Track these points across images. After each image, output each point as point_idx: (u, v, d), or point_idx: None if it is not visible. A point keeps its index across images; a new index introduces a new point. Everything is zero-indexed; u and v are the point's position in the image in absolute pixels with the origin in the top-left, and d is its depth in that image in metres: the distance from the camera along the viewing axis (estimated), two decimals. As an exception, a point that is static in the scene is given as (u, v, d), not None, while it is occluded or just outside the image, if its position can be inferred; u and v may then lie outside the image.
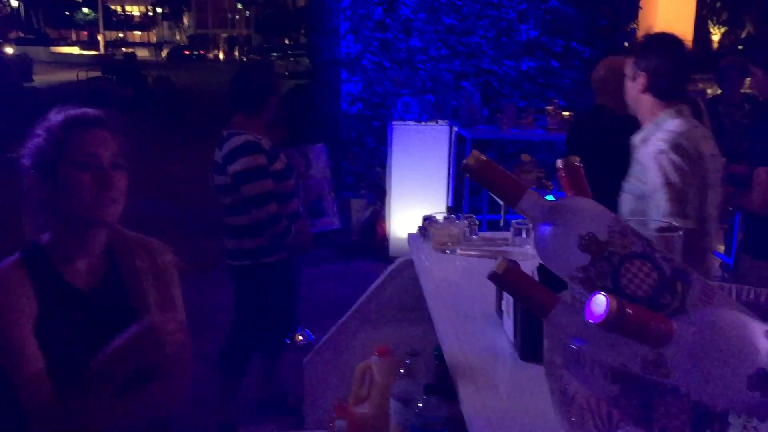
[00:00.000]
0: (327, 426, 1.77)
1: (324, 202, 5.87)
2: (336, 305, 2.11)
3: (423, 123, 6.03)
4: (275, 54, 32.93)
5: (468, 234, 1.90)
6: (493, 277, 0.72)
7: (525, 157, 5.13)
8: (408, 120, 6.14)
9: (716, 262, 5.73)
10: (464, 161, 0.76)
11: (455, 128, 6.09)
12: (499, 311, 1.40)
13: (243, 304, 3.34)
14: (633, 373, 0.67)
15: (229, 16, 61.00)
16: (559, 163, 0.86)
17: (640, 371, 0.70)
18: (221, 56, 57.71)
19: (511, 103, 6.25)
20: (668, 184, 2.22)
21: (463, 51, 6.64)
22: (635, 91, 2.42)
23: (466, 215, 1.96)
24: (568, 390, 0.72)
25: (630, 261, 0.72)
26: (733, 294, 0.85)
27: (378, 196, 6.44)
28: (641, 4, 7.35)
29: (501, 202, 4.52)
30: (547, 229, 0.75)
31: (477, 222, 1.94)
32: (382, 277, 1.88)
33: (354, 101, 6.60)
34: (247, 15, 59.16)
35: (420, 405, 1.60)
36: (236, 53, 56.13)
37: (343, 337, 1.88)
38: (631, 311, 0.59)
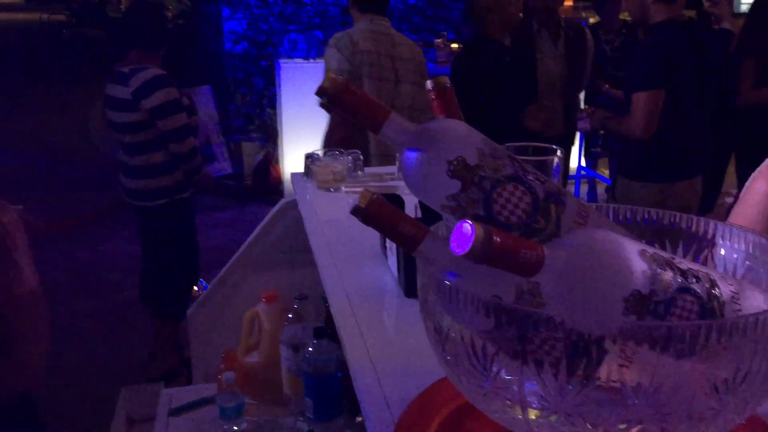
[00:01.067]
0: (215, 379, 1.69)
1: (213, 146, 5.65)
2: (232, 254, 2.04)
3: (312, 60, 5.85)
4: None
5: (353, 170, 1.83)
6: (356, 211, 0.65)
7: (416, 91, 5.07)
8: (296, 58, 5.94)
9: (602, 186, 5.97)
10: (319, 85, 0.68)
11: (345, 65, 5.94)
12: (384, 249, 1.35)
13: (160, 245, 3.22)
14: (507, 305, 0.63)
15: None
16: (429, 84, 0.79)
17: (514, 303, 0.66)
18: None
19: (399, 36, 6.15)
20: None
21: (349, -16, 6.45)
22: None
23: (351, 151, 1.89)
24: (442, 326, 0.67)
25: (502, 185, 0.67)
26: (610, 214, 0.82)
27: (270, 138, 6.26)
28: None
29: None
30: (413, 156, 0.68)
31: (361, 157, 1.87)
32: (265, 221, 1.79)
33: (239, 40, 6.31)
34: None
35: (310, 349, 1.55)
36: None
37: (228, 285, 1.79)
38: (498, 239, 0.54)
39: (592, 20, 6.06)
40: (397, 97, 3.14)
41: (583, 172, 5.93)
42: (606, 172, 6.07)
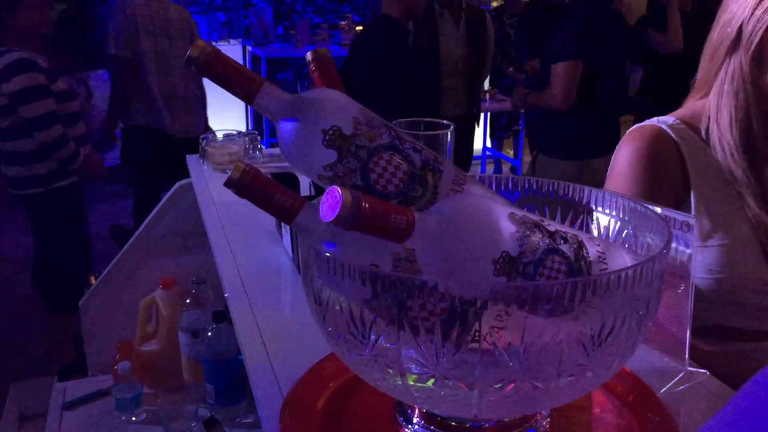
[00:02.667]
0: (110, 369, 1.63)
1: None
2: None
3: (213, 42, 5.70)
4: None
5: (251, 152, 1.80)
6: (229, 183, 0.63)
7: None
8: (197, 40, 5.77)
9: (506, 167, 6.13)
10: (188, 54, 0.65)
11: (248, 47, 5.83)
12: (279, 228, 1.33)
13: (46, 236, 3.07)
14: (383, 273, 0.62)
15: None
16: (308, 56, 0.78)
17: (391, 270, 0.66)
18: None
19: (304, 19, 6.09)
20: None
21: (250, -35, 6.31)
22: None
23: (249, 132, 1.85)
24: (322, 297, 0.67)
25: (378, 154, 0.67)
26: (492, 183, 0.84)
27: (172, 123, 6.07)
28: None
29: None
30: (288, 126, 0.67)
31: (259, 138, 1.84)
32: (159, 205, 1.74)
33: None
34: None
35: (209, 334, 1.52)
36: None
37: (123, 272, 1.73)
38: (366, 204, 0.53)
39: (495, 3, 6.17)
40: (171, 51, 3.70)
41: (488, 153, 6.06)
42: (511, 153, 6.22)
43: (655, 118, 1.20)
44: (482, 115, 5.15)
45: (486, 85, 4.79)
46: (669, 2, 3.85)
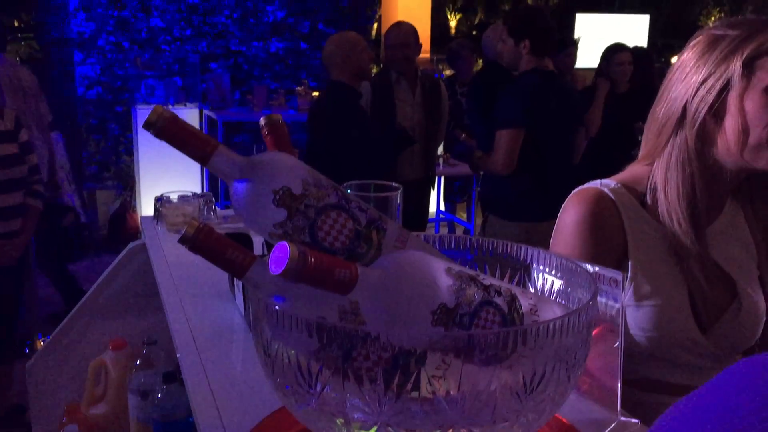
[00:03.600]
0: (56, 433, 1.60)
1: (64, 195, 5.37)
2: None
3: (170, 106, 5.76)
4: (2, 37, 29.37)
5: (205, 212, 1.83)
6: (183, 240, 0.67)
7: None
8: (153, 104, 5.81)
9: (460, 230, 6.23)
10: (146, 118, 0.69)
11: (205, 111, 5.90)
12: (232, 286, 1.35)
13: None
14: (328, 324, 0.66)
15: (-58, -7, 53.40)
16: (262, 121, 0.83)
17: (337, 322, 0.69)
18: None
19: (261, 84, 6.20)
20: None
21: (209, 32, 6.45)
22: None
23: (204, 193, 1.88)
24: (270, 349, 0.70)
25: (326, 213, 0.71)
26: (437, 243, 0.89)
27: (127, 185, 6.05)
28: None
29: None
30: (241, 187, 0.71)
31: (214, 199, 1.87)
32: (112, 265, 1.74)
33: (92, 85, 6.11)
34: (-35, -8, 52.18)
35: (159, 396, 1.51)
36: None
37: (73, 334, 1.71)
38: (312, 258, 0.57)
39: (447, 72, 6.38)
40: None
41: (442, 216, 6.17)
42: (464, 216, 6.34)
43: (598, 181, 1.26)
44: (436, 178, 5.27)
45: (440, 150, 4.92)
46: (597, 96, 4.09)
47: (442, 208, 6.14)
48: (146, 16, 6.16)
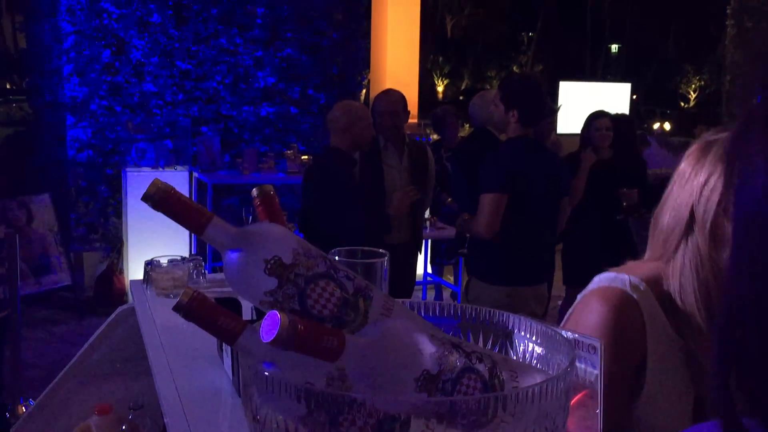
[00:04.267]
0: (38, 501, 1.58)
1: (50, 257, 5.37)
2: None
3: (160, 169, 5.82)
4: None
5: (194, 276, 1.85)
6: (177, 308, 0.70)
7: (266, 200, 5.17)
8: (144, 167, 5.88)
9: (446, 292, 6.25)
10: (145, 191, 0.73)
11: (195, 174, 5.95)
12: (220, 351, 1.37)
13: None
14: (316, 390, 0.68)
15: (-64, 55, 54.04)
16: (254, 192, 0.87)
17: (324, 388, 0.72)
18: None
19: (251, 148, 6.29)
20: None
21: (201, 96, 6.56)
22: None
23: (193, 257, 1.91)
24: (260, 415, 0.72)
25: (314, 282, 0.74)
26: (421, 309, 0.92)
27: (114, 247, 6.05)
28: (371, 55, 7.88)
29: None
30: (234, 256, 0.74)
31: (203, 263, 1.90)
32: (100, 330, 1.75)
33: (83, 148, 6.16)
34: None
35: (145, 461, 1.50)
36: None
37: (58, 400, 1.71)
38: (302, 327, 0.60)
39: (435, 137, 6.51)
40: None
41: (429, 279, 6.19)
42: (451, 279, 6.37)
43: (624, 276, 1.20)
44: (423, 241, 5.31)
45: (426, 213, 4.98)
46: (581, 166, 4.20)
47: (429, 270, 6.16)
48: (139, 81, 6.28)
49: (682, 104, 30.09)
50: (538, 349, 0.86)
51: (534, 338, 0.86)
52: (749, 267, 0.44)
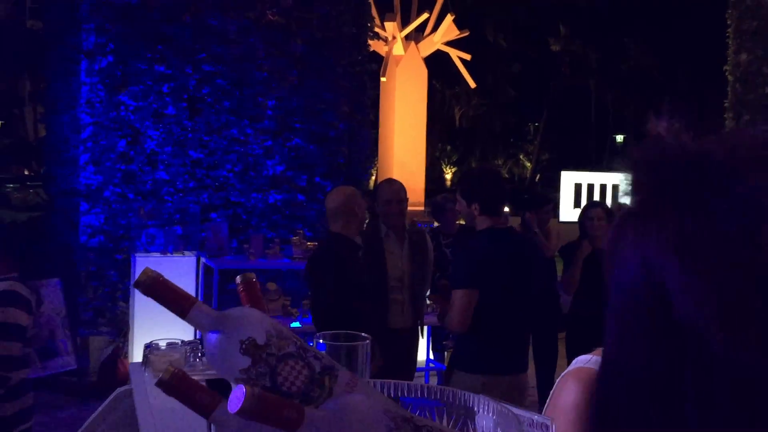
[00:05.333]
0: None
1: (56, 340, 5.43)
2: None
3: (169, 254, 5.95)
4: (11, 185, 30.37)
5: (192, 359, 1.92)
6: (159, 383, 0.78)
7: (271, 285, 5.27)
8: (153, 252, 6.01)
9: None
10: (137, 278, 0.83)
11: (203, 259, 6.07)
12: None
13: None
14: (283, 460, 0.76)
15: (-41, 142, 55.66)
16: (238, 279, 0.96)
17: (290, 458, 0.79)
18: (-54, 186, 51.80)
19: (258, 234, 6.42)
20: None
21: (211, 184, 6.76)
22: None
23: (190, 341, 1.99)
24: (231, 484, 0.78)
25: (285, 361, 0.83)
26: (385, 388, 0.99)
27: (120, 331, 6.11)
28: (378, 145, 8.13)
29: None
30: (214, 337, 0.83)
31: (200, 346, 1.97)
32: (99, 409, 1.81)
33: (95, 233, 6.33)
34: (-19, 142, 54.38)
35: None
36: (-35, 183, 50.77)
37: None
38: (264, 399, 0.68)
39: (437, 224, 6.64)
40: None
41: (431, 365, 6.17)
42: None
43: (596, 359, 1.17)
44: (425, 327, 5.35)
45: (428, 300, 5.04)
46: (576, 256, 4.32)
47: (431, 356, 6.16)
48: (152, 170, 6.50)
49: (689, 192, 30.28)
50: (496, 427, 0.93)
51: (491, 415, 0.93)
52: (619, 358, 0.51)
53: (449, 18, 12.04)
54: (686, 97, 27.48)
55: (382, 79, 12.03)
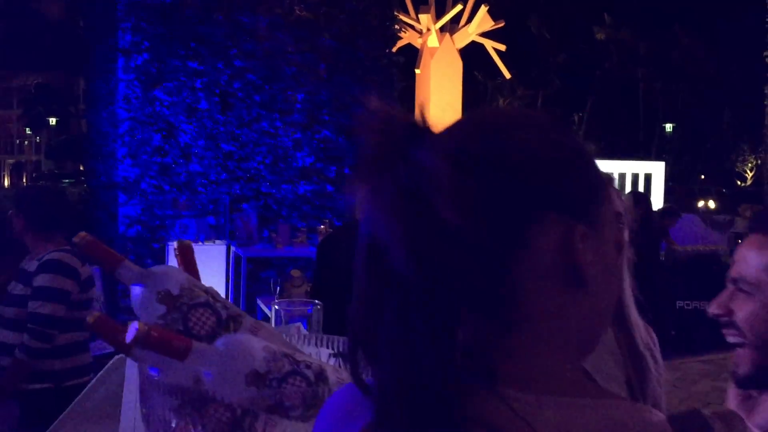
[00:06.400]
0: None
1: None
2: None
3: (200, 243, 6.20)
4: (67, 180, 31.46)
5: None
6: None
7: (294, 272, 5.45)
8: (185, 240, 6.26)
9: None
10: (72, 239, 0.99)
11: (233, 248, 6.31)
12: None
13: None
14: (186, 387, 0.91)
15: (17, 141, 57.71)
16: (174, 244, 1.12)
17: (192, 385, 0.94)
18: (6, 183, 53.96)
19: (285, 223, 6.63)
20: None
21: (242, 176, 7.00)
22: None
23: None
24: (146, 408, 0.95)
25: (195, 309, 0.98)
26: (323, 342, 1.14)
27: (156, 317, 6.39)
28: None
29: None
30: (137, 289, 0.99)
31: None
32: (98, 375, 2.00)
33: (132, 224, 6.63)
34: (38, 141, 56.33)
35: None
36: (24, 179, 52.79)
37: (60, 435, 1.94)
38: (155, 333, 0.84)
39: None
40: None
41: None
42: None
43: None
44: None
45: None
46: None
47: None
48: (186, 162, 6.76)
49: (739, 182, 29.65)
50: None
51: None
52: None
53: (483, 9, 12.05)
54: (736, 85, 26.76)
55: (417, 71, 12.12)
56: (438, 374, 0.54)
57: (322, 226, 6.42)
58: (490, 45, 12.72)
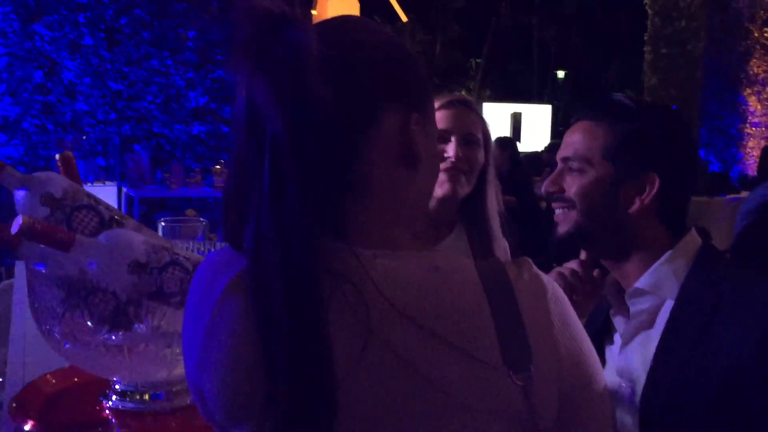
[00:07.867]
0: None
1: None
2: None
3: (89, 184, 6.03)
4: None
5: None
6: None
7: (190, 212, 5.44)
8: (74, 182, 6.08)
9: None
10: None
11: (124, 189, 6.19)
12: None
13: None
14: (72, 278, 0.99)
15: None
16: (57, 156, 1.18)
17: (77, 275, 1.02)
18: None
19: (178, 163, 6.54)
20: None
21: (132, 115, 6.81)
22: None
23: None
24: (35, 301, 1.02)
25: (79, 210, 1.05)
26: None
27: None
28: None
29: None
30: (20, 193, 1.05)
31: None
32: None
33: (15, 165, 6.34)
34: None
35: None
36: None
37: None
38: (38, 226, 0.91)
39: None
40: None
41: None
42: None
43: None
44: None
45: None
46: None
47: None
48: (71, 101, 6.50)
49: (623, 127, 31.06)
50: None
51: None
52: None
53: (380, -50, 11.96)
54: (624, 34, 27.88)
55: (313, 12, 11.97)
56: (303, 226, 0.65)
57: (217, 167, 6.38)
58: (386, -13, 12.69)
